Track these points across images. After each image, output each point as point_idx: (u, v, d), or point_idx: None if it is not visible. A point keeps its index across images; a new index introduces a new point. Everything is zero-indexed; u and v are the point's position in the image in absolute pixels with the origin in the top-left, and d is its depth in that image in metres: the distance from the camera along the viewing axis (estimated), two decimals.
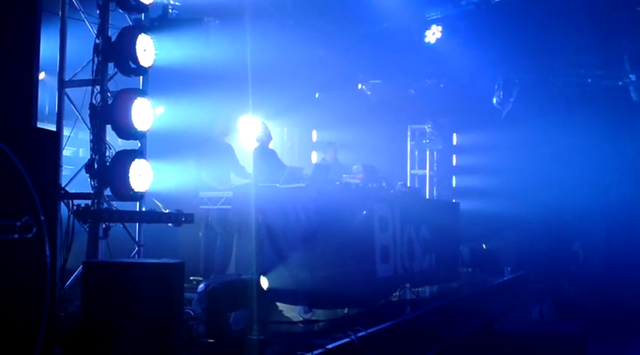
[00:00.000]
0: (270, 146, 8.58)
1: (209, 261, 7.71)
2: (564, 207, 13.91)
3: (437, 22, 10.75)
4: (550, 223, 13.91)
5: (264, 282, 6.25)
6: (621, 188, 14.48)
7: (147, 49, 5.81)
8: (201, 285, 5.65)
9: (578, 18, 9.53)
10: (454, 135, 14.54)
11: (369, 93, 12.96)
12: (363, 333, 5.76)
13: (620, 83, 11.12)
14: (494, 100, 11.42)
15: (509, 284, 11.28)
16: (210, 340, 5.17)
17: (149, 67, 5.86)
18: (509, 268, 12.08)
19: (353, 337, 5.62)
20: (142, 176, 5.67)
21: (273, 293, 6.40)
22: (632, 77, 11.04)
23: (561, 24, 9.60)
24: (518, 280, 11.79)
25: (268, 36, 9.11)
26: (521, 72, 11.39)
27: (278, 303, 6.76)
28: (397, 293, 8.37)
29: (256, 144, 8.39)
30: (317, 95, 12.76)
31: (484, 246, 13.16)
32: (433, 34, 9.96)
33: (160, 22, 6.70)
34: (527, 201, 13.73)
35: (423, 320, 7.21)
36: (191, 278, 7.18)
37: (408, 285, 8.51)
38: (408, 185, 12.24)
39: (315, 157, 12.75)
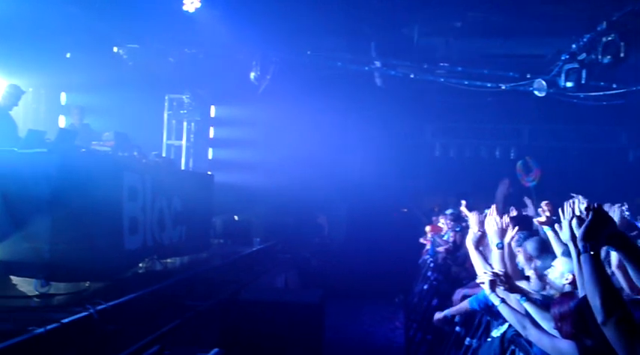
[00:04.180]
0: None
1: None
2: (311, 182, 14.71)
3: None
4: (298, 197, 14.63)
5: None
6: (364, 167, 15.68)
7: None
8: None
9: (331, 2, 9.98)
10: (212, 107, 14.59)
11: (125, 57, 12.43)
12: (104, 306, 5.58)
13: (367, 68, 11.91)
14: (252, 76, 11.61)
15: (257, 254, 11.66)
16: None
17: None
18: (258, 239, 12.49)
19: (92, 310, 5.42)
20: None
21: (6, 266, 5.95)
22: (378, 64, 11.86)
23: (316, 6, 9.99)
24: (265, 251, 12.23)
25: None
26: (279, 50, 11.71)
27: (12, 276, 6.31)
28: (145, 265, 8.24)
29: None
30: (68, 55, 11.99)
31: (236, 217, 13.44)
32: (192, 2, 9.78)
33: None
34: (278, 175, 14.31)
35: (168, 292, 7.18)
36: None
37: (156, 257, 8.41)
38: (164, 155, 12.04)
39: (62, 121, 12.01)
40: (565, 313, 3.93)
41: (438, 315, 7.16)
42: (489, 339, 5.71)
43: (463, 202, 10.89)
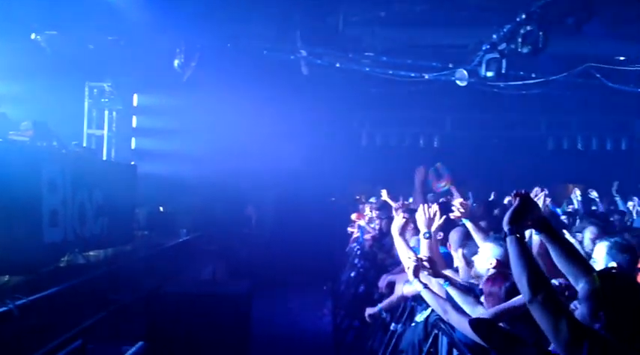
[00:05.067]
0: None
1: None
2: (239, 172, 14.61)
3: None
4: (225, 187, 14.51)
5: None
6: (292, 157, 15.66)
7: None
8: None
9: None
10: (135, 95, 14.25)
11: (43, 44, 11.96)
12: (24, 301, 5.41)
13: (292, 57, 11.87)
14: (176, 63, 11.39)
15: (183, 246, 11.51)
16: None
17: None
18: (184, 230, 12.32)
19: (11, 305, 5.24)
20: None
21: None
22: (303, 52, 11.85)
23: None
24: (192, 242, 12.08)
25: None
26: (203, 37, 11.53)
27: None
28: (66, 259, 8.00)
29: None
30: None
31: (161, 208, 13.21)
32: None
33: None
34: (205, 165, 14.13)
35: (90, 285, 7.00)
36: None
37: (77, 250, 8.17)
38: (84, 145, 11.68)
39: None
40: (494, 292, 4.07)
41: (370, 311, 7.22)
42: (413, 324, 5.82)
43: (383, 191, 11.08)
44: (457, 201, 5.79)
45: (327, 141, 16.56)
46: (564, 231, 6.04)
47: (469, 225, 5.62)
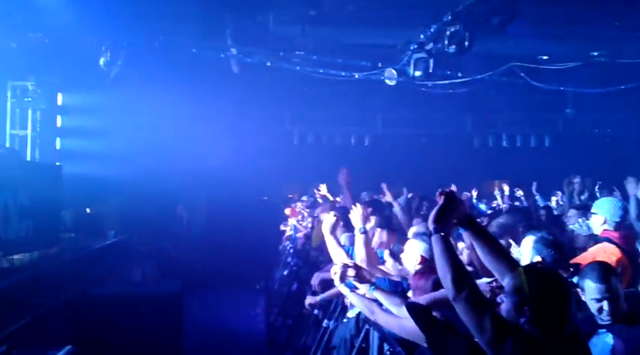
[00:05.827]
0: None
1: None
2: (169, 172, 14.38)
3: None
4: (155, 187, 14.26)
5: None
6: (223, 156, 15.53)
7: None
8: None
9: None
10: (59, 94, 13.81)
11: None
12: None
13: (223, 55, 11.76)
14: (102, 61, 11.10)
15: (112, 247, 11.27)
16: None
17: None
18: (112, 232, 12.05)
19: None
20: None
21: None
22: (234, 51, 11.75)
23: None
24: (120, 243, 11.84)
25: None
26: (130, 35, 11.28)
27: None
28: None
29: None
30: None
31: (88, 210, 12.89)
32: None
33: None
34: (134, 165, 13.85)
35: (15, 289, 6.79)
36: None
37: (1, 253, 7.90)
38: (7, 146, 11.28)
39: None
40: (421, 286, 4.15)
41: (311, 300, 7.24)
42: (345, 320, 5.88)
43: (323, 186, 11.16)
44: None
45: (260, 139, 16.48)
46: None
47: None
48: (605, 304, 3.76)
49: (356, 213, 5.48)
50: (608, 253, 5.18)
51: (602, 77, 12.55)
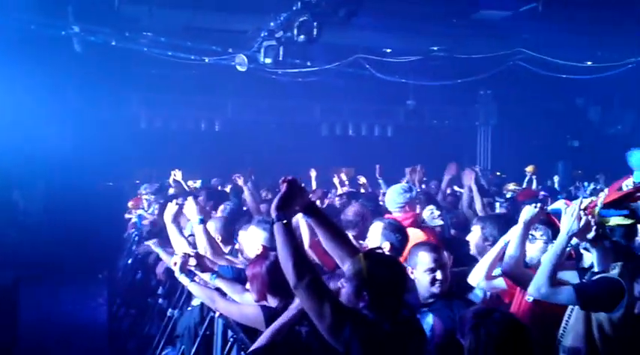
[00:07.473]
0: None
1: None
2: (4, 155, 13.41)
3: None
4: None
5: None
6: (64, 139, 14.74)
7: None
8: None
9: None
10: None
11: None
12: None
13: (64, 33, 11.14)
14: None
15: None
16: None
17: None
18: None
19: None
20: None
21: None
22: (76, 29, 11.18)
23: None
24: None
25: None
26: None
27: None
28: None
29: None
30: None
31: None
32: None
33: None
34: None
35: None
36: None
37: None
38: None
39: None
40: (257, 273, 4.19)
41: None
42: (190, 308, 5.85)
43: (178, 172, 11.00)
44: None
45: (104, 123, 15.80)
46: None
47: None
48: (438, 273, 4.02)
49: (191, 205, 5.48)
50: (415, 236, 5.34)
51: (441, 71, 13.28)
